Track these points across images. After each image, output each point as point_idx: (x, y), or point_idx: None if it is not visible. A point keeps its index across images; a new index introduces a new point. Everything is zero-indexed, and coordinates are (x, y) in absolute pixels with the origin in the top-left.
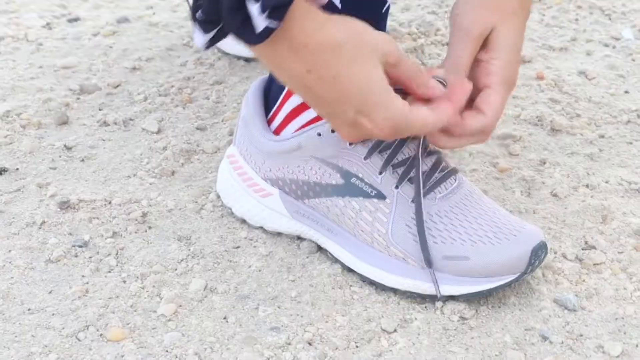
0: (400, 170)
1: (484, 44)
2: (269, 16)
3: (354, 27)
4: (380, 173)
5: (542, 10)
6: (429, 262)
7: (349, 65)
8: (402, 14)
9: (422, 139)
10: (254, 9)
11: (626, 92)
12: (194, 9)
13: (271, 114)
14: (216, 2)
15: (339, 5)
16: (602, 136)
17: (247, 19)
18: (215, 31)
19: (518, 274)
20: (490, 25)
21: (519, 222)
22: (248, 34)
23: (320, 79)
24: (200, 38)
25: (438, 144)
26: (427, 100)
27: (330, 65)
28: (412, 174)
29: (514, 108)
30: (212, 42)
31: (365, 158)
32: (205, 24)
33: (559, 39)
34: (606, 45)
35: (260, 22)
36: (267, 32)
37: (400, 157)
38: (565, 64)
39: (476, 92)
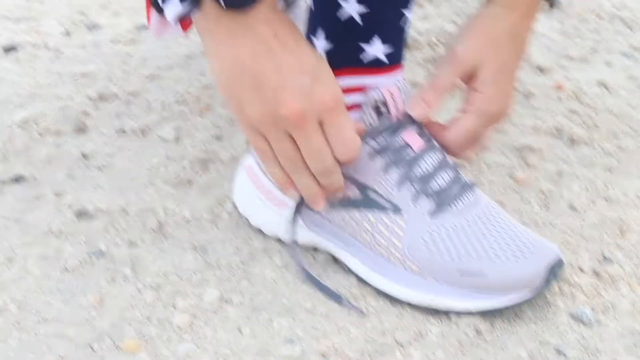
0: (417, 185)
1: (474, 75)
2: None
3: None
4: (398, 187)
5: (562, 19)
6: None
7: (306, 41)
8: (421, 23)
9: (443, 153)
10: None
11: None
12: None
13: None
14: None
15: (359, 19)
16: (620, 148)
17: None
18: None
19: (534, 290)
20: (479, 59)
21: (536, 237)
22: None
23: (284, 43)
24: (175, 8)
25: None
26: None
27: (293, 34)
28: (429, 189)
29: (533, 119)
30: (185, 13)
31: (383, 172)
32: None
33: (579, 49)
34: (626, 56)
35: None
36: None
37: (417, 171)
38: (584, 75)
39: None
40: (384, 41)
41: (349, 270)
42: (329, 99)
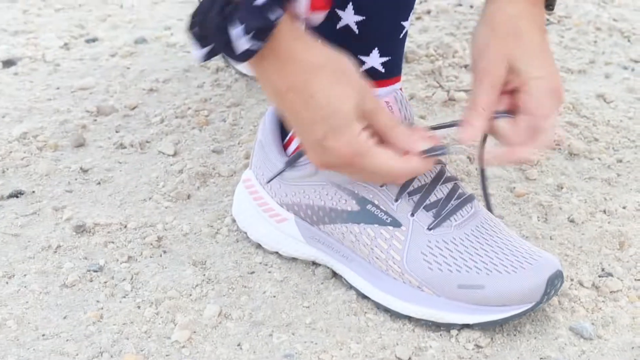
0: (415, 198)
1: (513, 73)
2: (253, 37)
3: (339, 57)
4: (396, 200)
5: (560, 32)
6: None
7: (325, 88)
8: (419, 36)
9: (441, 166)
10: (234, 32)
11: None
12: (191, 24)
13: (287, 138)
14: (205, 22)
15: (356, 30)
16: (620, 161)
17: (230, 41)
18: (209, 47)
19: (533, 304)
20: (508, 58)
21: (535, 250)
22: (232, 54)
23: (297, 97)
24: (196, 52)
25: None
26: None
27: (308, 85)
28: (427, 202)
29: None
30: (207, 57)
31: (382, 185)
32: (200, 40)
33: (577, 61)
34: (625, 68)
35: (241, 44)
36: (248, 53)
37: (416, 184)
38: (583, 87)
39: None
40: (383, 54)
41: (348, 285)
42: (345, 152)
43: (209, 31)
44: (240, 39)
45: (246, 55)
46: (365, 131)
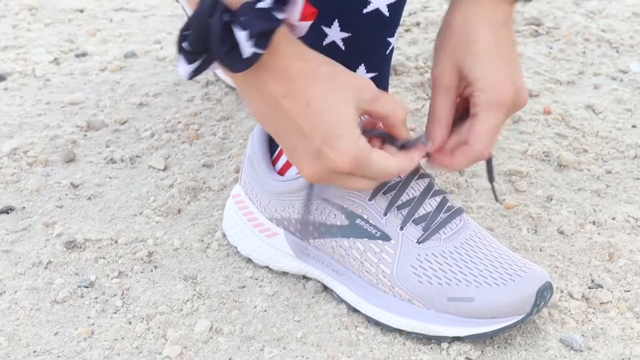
0: (404, 212)
1: (463, 80)
2: (257, 41)
3: (332, 63)
4: (385, 214)
5: (549, 43)
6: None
7: (323, 95)
8: (408, 48)
9: (430, 180)
10: (241, 36)
11: (633, 126)
12: (180, 40)
13: (276, 153)
14: (204, 32)
15: (342, 47)
16: (609, 172)
17: (234, 46)
18: (199, 62)
19: (523, 315)
20: (457, 63)
21: (524, 262)
22: (235, 61)
23: (294, 104)
24: (184, 68)
25: (442, 165)
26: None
27: (305, 91)
28: (416, 215)
29: (521, 143)
30: (195, 73)
31: (370, 199)
32: (190, 55)
33: (566, 73)
34: (614, 79)
35: (247, 48)
36: (254, 57)
37: (404, 198)
38: (572, 98)
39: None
40: (369, 70)
41: (339, 299)
42: (342, 165)
43: (209, 38)
44: (247, 42)
45: (252, 60)
46: (364, 137)
